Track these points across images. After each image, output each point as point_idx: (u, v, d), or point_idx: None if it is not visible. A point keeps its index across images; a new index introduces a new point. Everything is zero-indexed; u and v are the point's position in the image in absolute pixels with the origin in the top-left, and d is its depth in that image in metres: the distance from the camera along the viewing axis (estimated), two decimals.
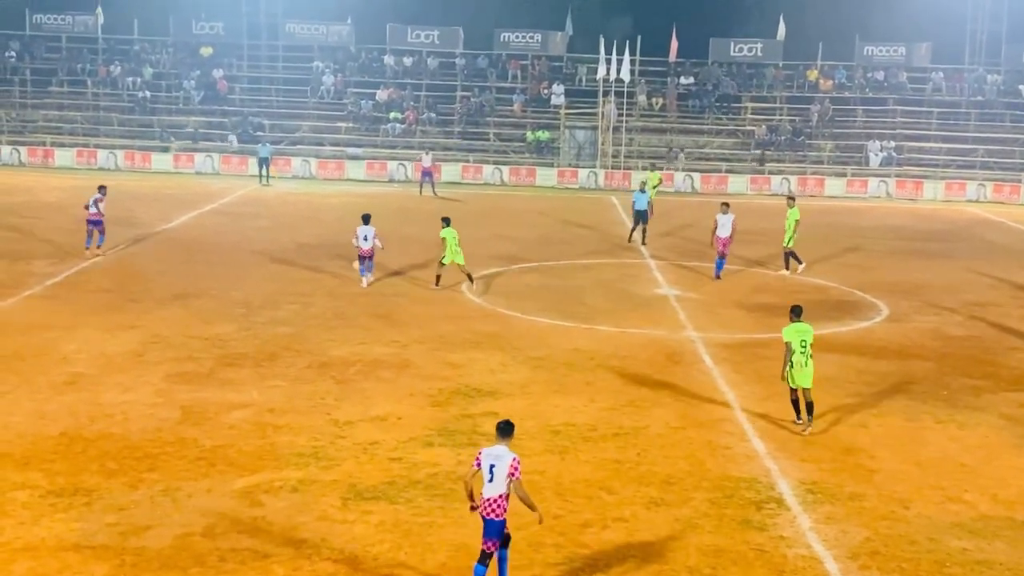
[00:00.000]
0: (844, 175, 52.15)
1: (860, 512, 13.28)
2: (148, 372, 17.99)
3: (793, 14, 57.99)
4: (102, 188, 28.54)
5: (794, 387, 16.08)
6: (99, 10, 58.19)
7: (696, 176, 51.33)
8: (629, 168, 51.60)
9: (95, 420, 15.51)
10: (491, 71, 58.13)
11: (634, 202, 33.72)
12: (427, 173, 45.88)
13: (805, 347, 15.90)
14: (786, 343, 16.00)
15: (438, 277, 25.58)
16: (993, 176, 51.98)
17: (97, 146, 52.73)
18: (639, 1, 64.09)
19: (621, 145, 52.77)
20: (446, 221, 25.54)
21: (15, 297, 23.14)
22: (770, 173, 51.97)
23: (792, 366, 15.90)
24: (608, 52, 52.02)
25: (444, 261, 25.25)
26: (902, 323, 23.85)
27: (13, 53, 58.06)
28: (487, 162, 52.24)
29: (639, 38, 55.72)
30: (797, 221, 29.13)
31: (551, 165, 52.94)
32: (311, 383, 17.71)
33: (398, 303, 24.01)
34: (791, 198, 30.44)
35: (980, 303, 26.24)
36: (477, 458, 10.91)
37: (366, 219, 25.67)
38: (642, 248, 32.65)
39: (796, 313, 16.33)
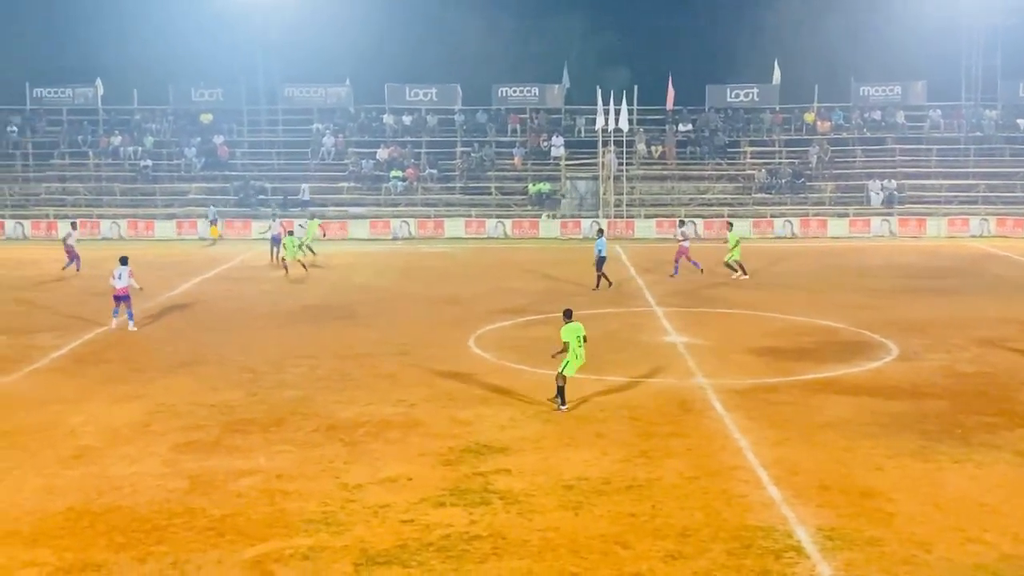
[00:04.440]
0: (846, 215, 52.21)
1: (880, 557, 13.04)
2: (155, 442, 17.83)
3: (788, 58, 58.44)
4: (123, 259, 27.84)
5: (569, 376, 19.15)
6: (99, 82, 58.81)
7: (699, 222, 51.39)
8: (632, 217, 51.69)
9: (103, 493, 15.32)
10: (490, 126, 58.50)
11: (598, 249, 34.15)
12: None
13: (581, 342, 19.12)
14: (565, 342, 19.02)
15: (286, 268, 37.12)
16: (995, 210, 52.02)
17: (100, 216, 53.03)
18: (635, 52, 64.68)
19: (623, 194, 52.93)
20: (290, 233, 39.06)
21: (20, 372, 23.04)
22: (772, 216, 52.00)
23: (577, 359, 19.02)
24: (606, 103, 52.39)
25: (285, 257, 37.29)
26: (913, 362, 23.66)
27: (15, 128, 58.60)
28: (489, 216, 52.37)
29: (636, 88, 56.23)
30: (738, 240, 35.82)
31: (553, 216, 53.04)
32: (319, 447, 17.53)
33: (404, 362, 23.88)
34: (730, 223, 38.65)
35: (990, 338, 26.04)
36: None
37: (123, 260, 27.54)
38: (648, 297, 32.56)
39: (568, 315, 19.57)
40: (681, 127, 57.71)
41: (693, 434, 18.08)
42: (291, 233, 39.51)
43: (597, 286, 33.79)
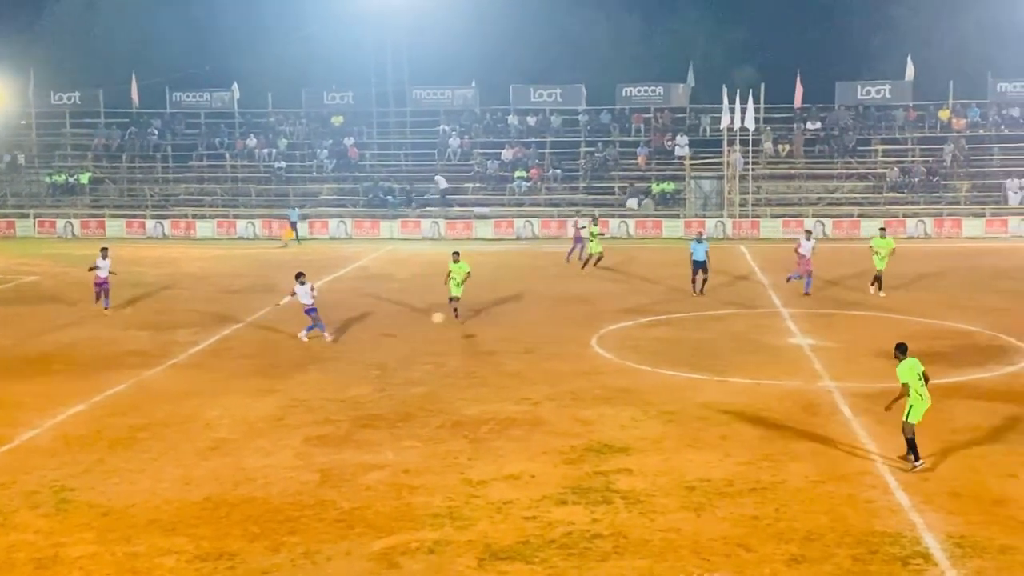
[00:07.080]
0: (982, 215, 50.55)
1: (1012, 566, 12.70)
2: (288, 436, 18.42)
3: (921, 54, 56.89)
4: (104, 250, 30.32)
5: (916, 423, 16.06)
6: (235, 86, 60.81)
7: (828, 222, 50.42)
8: (757, 216, 51.01)
9: (238, 485, 15.91)
10: (614, 126, 58.44)
11: (692, 252, 33.03)
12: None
13: (923, 380, 16.15)
14: (904, 383, 16.11)
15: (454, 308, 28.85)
16: None
17: (236, 217, 54.72)
18: (762, 49, 63.81)
19: (748, 194, 52.27)
20: (455, 255, 29.38)
21: (161, 366, 24.03)
22: (904, 216, 50.70)
23: (923, 400, 16.06)
24: (732, 101, 51.84)
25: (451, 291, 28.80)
26: None
27: (155, 131, 60.93)
28: (612, 216, 52.30)
29: (763, 85, 55.47)
30: (893, 249, 32.51)
31: (677, 216, 52.72)
32: (445, 443, 17.88)
33: (528, 360, 24.12)
34: (883, 228, 35.14)
35: None
36: None
37: (298, 277, 26.62)
38: (774, 299, 32.16)
39: (903, 351, 16.44)
40: (809, 125, 56.69)
41: (819, 438, 17.84)
42: (456, 256, 29.69)
43: (700, 290, 32.84)
